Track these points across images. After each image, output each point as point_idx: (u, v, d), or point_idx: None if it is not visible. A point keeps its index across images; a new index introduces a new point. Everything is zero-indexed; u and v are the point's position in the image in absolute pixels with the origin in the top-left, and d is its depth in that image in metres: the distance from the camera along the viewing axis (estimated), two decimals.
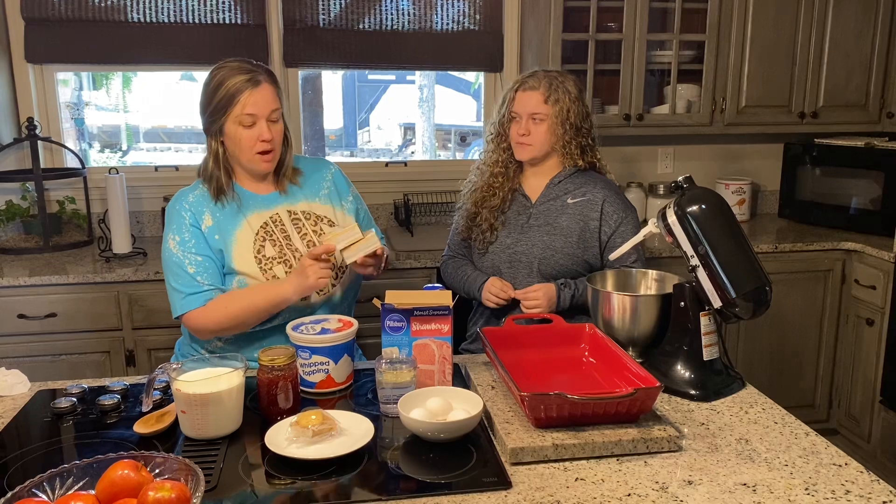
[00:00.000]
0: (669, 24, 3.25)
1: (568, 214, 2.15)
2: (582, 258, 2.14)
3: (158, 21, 3.13)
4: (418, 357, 1.55)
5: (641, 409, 1.37)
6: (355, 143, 4.93)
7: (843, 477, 1.26)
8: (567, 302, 2.08)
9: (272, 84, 1.81)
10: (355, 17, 3.27)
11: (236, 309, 1.77)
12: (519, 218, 2.20)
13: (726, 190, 3.52)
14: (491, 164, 2.24)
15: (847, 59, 3.32)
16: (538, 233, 2.16)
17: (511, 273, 2.17)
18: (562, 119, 2.12)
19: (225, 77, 1.77)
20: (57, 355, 2.68)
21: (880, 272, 2.99)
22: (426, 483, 1.24)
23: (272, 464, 1.30)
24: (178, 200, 1.88)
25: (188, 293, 1.79)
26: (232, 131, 1.79)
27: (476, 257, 2.27)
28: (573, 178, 2.19)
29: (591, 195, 2.16)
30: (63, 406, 1.52)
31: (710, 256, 1.57)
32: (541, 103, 2.12)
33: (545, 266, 2.13)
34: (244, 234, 1.84)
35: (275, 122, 1.81)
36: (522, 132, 2.13)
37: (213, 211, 1.86)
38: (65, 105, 3.28)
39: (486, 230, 2.21)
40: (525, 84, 2.16)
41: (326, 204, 1.96)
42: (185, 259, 1.81)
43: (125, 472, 1.06)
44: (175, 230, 1.84)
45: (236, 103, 1.75)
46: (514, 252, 2.17)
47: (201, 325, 1.80)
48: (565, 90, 2.13)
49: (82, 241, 3.08)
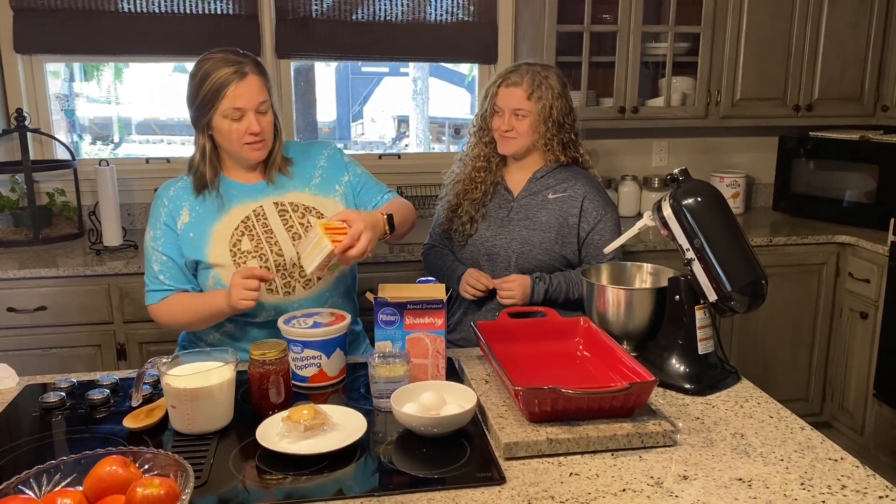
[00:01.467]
0: (664, 16, 3.23)
1: (548, 210, 2.15)
2: (560, 254, 2.15)
3: (150, 11, 3.10)
4: (411, 351, 1.54)
5: (636, 404, 1.37)
6: (349, 135, 4.91)
7: (838, 472, 1.25)
8: (540, 296, 2.09)
9: (259, 75, 1.77)
10: (348, 7, 3.25)
11: (184, 315, 1.82)
12: (500, 211, 2.21)
13: (721, 183, 3.51)
14: (473, 158, 2.25)
15: (842, 51, 3.31)
16: (517, 227, 2.16)
17: (489, 266, 2.19)
18: (544, 116, 2.12)
19: (210, 69, 1.74)
20: (47, 349, 2.65)
21: (874, 266, 2.99)
22: (419, 478, 1.23)
23: (263, 459, 1.29)
24: (161, 193, 1.88)
25: (151, 288, 1.85)
26: (220, 125, 1.76)
27: (456, 249, 2.28)
28: (555, 172, 2.20)
29: (572, 191, 2.16)
30: (52, 401, 1.50)
31: (705, 249, 1.56)
32: (523, 100, 2.12)
33: (523, 260, 2.14)
34: (223, 227, 1.82)
35: (263, 114, 1.78)
36: (506, 127, 2.14)
37: (192, 205, 1.84)
38: (55, 96, 3.25)
39: (467, 222, 2.22)
40: (508, 80, 2.15)
41: (317, 194, 1.92)
42: (152, 255, 1.84)
43: (113, 468, 1.04)
44: (152, 224, 1.86)
45: (223, 97, 1.72)
46: (492, 245, 2.18)
47: (159, 320, 1.86)
48: (548, 86, 2.13)
49: (72, 233, 3.06)
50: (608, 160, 3.64)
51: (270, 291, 1.81)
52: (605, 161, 3.63)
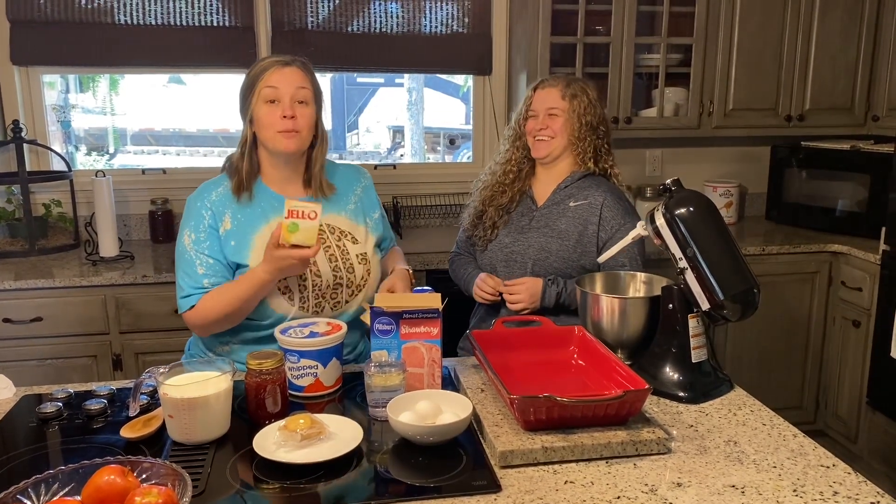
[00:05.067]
0: (657, 28, 3.26)
1: (568, 217, 2.15)
2: (578, 262, 2.12)
3: (146, 23, 3.12)
4: (407, 360, 1.55)
5: (630, 412, 1.38)
6: (344, 145, 4.92)
7: (830, 478, 1.26)
8: (552, 300, 2.07)
9: (304, 70, 1.80)
10: (344, 19, 3.27)
11: (229, 302, 1.73)
12: (522, 219, 2.21)
13: (714, 192, 3.53)
14: (504, 163, 2.27)
15: (833, 62, 3.35)
16: (536, 234, 2.16)
17: (507, 272, 2.18)
18: (578, 114, 2.14)
19: (259, 62, 1.79)
20: (43, 359, 2.65)
21: (866, 274, 3.01)
22: (415, 487, 1.23)
23: (260, 468, 1.29)
24: (200, 196, 1.82)
25: (189, 292, 1.76)
26: (259, 111, 1.76)
27: (477, 254, 2.29)
28: (580, 182, 2.19)
29: (593, 199, 2.14)
30: (48, 411, 1.50)
31: (698, 259, 1.57)
32: (558, 99, 2.15)
33: (539, 267, 2.13)
34: (262, 238, 1.77)
35: (302, 105, 1.77)
36: (539, 126, 2.15)
37: (234, 212, 1.80)
38: (51, 107, 3.26)
39: (489, 227, 2.23)
40: (544, 82, 2.21)
41: (352, 220, 1.90)
42: (196, 259, 1.77)
43: (111, 477, 1.05)
44: (192, 227, 1.79)
45: (262, 78, 1.75)
46: (511, 251, 2.18)
47: (197, 321, 1.77)
48: (583, 90, 2.16)
49: (69, 244, 3.06)
50: None
51: (302, 309, 1.79)
52: None
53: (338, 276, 1.81)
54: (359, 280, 1.85)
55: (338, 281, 1.82)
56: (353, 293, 1.85)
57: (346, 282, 1.83)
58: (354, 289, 1.85)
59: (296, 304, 1.77)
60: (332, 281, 1.81)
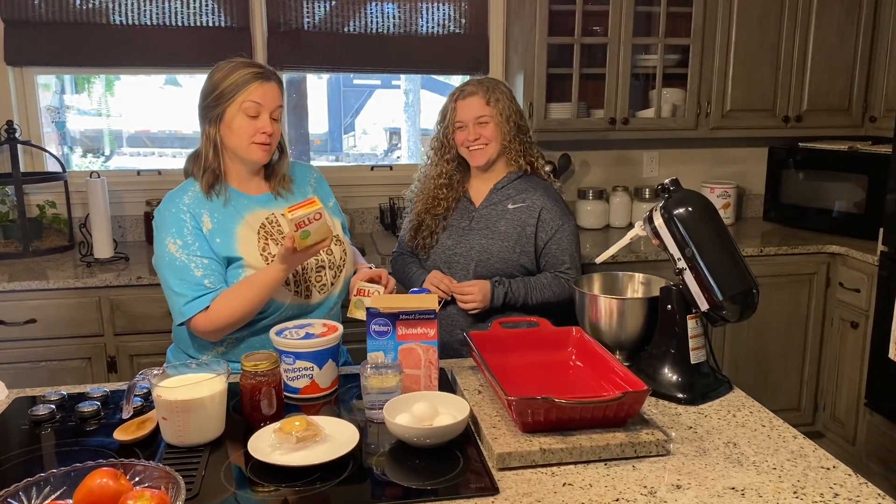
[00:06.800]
0: (654, 29, 3.26)
1: (507, 219, 2.19)
2: (517, 262, 2.18)
3: (141, 24, 3.10)
4: (404, 361, 1.53)
5: (629, 413, 1.37)
6: (340, 147, 4.90)
7: (831, 480, 1.25)
8: (500, 299, 2.12)
9: (279, 85, 1.83)
10: (340, 20, 3.26)
11: (237, 301, 1.72)
12: (462, 221, 2.24)
13: (711, 193, 3.53)
14: (435, 177, 2.28)
15: (830, 63, 3.34)
16: (477, 236, 2.20)
17: (448, 273, 2.21)
18: (506, 116, 2.17)
19: (234, 69, 1.78)
20: (37, 362, 2.64)
21: (864, 275, 3.00)
22: (412, 489, 1.22)
23: (255, 471, 1.28)
24: (172, 202, 1.82)
25: (194, 297, 1.73)
26: (232, 118, 1.77)
27: (421, 261, 2.32)
28: (516, 183, 2.23)
29: (531, 202, 2.19)
30: (41, 413, 1.49)
31: (696, 259, 1.56)
32: (483, 106, 2.16)
33: (481, 268, 2.17)
34: (245, 230, 1.80)
35: (276, 121, 1.82)
36: (472, 137, 2.17)
37: (210, 211, 1.81)
38: (46, 108, 3.25)
39: (428, 236, 2.26)
40: (463, 92, 2.21)
41: None
42: (190, 262, 1.74)
43: (104, 480, 1.03)
44: (175, 233, 1.77)
45: (244, 91, 1.76)
46: (453, 253, 2.21)
47: (210, 326, 1.74)
48: (501, 91, 2.19)
49: (63, 245, 3.04)
50: (599, 171, 3.65)
51: (297, 294, 1.81)
52: (596, 172, 3.65)
53: (319, 258, 1.86)
54: (338, 261, 1.90)
55: (320, 264, 1.87)
56: (335, 274, 1.90)
57: (328, 263, 1.88)
58: (336, 269, 1.90)
59: (291, 289, 1.80)
60: (314, 264, 1.85)
